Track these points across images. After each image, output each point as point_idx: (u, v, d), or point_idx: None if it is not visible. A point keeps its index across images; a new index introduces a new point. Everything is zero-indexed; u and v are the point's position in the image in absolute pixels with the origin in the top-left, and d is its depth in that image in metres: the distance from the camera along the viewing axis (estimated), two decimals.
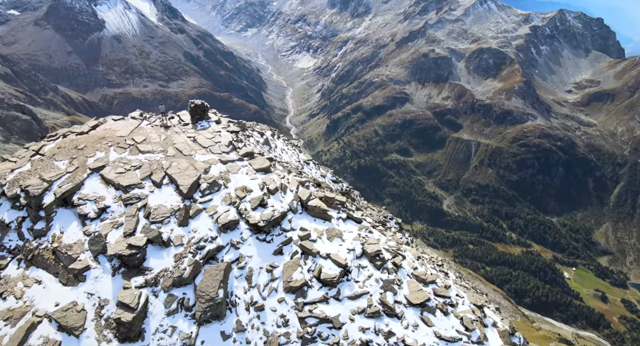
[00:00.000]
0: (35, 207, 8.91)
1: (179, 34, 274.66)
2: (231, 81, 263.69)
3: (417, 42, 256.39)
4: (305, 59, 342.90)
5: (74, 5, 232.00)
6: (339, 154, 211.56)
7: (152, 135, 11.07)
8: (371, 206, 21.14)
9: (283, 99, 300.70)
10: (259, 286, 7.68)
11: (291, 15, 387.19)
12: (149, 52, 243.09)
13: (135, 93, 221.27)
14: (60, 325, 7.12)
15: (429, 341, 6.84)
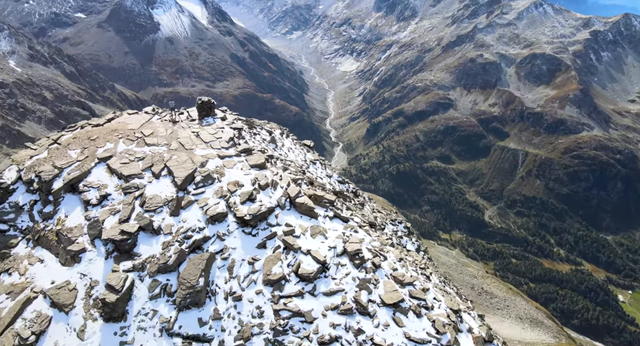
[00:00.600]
0: (45, 191, 9.62)
1: (227, 36, 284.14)
2: (274, 83, 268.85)
3: (465, 46, 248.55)
4: (348, 62, 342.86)
5: (133, 9, 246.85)
6: (377, 158, 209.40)
7: (159, 129, 11.53)
8: (380, 209, 20.56)
9: (324, 102, 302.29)
10: (239, 277, 7.87)
11: (336, 19, 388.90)
12: (198, 54, 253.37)
13: (184, 92, 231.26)
14: (53, 301, 7.76)
15: (398, 341, 6.87)
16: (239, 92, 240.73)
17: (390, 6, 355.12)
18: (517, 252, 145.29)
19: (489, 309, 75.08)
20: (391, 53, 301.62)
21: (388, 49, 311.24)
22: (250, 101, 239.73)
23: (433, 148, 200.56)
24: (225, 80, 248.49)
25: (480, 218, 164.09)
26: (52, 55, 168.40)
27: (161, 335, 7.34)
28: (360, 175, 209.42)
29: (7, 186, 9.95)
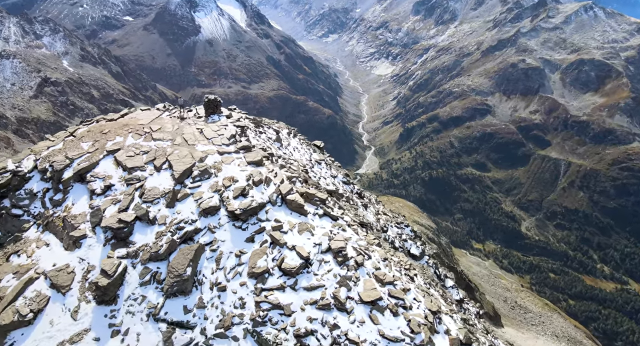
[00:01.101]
0: (56, 180, 10.31)
1: (264, 38, 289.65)
2: (308, 85, 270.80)
3: (506, 51, 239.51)
4: (384, 65, 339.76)
5: (176, 12, 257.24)
6: (410, 164, 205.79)
7: (167, 125, 11.93)
8: (387, 211, 20.06)
9: (358, 105, 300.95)
10: (225, 269, 8.13)
11: (373, 22, 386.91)
12: (235, 56, 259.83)
13: (220, 93, 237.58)
14: (52, 282, 8.24)
15: (371, 338, 6.97)
16: (274, 94, 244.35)
17: (428, 9, 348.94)
18: (556, 266, 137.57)
19: (522, 324, 71.23)
20: (428, 57, 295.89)
21: (425, 53, 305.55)
22: (284, 103, 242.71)
23: (468, 155, 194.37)
24: (261, 82, 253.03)
25: (516, 229, 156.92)
26: (101, 56, 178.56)
27: (148, 319, 7.73)
28: (392, 179, 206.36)
29: (24, 174, 10.63)
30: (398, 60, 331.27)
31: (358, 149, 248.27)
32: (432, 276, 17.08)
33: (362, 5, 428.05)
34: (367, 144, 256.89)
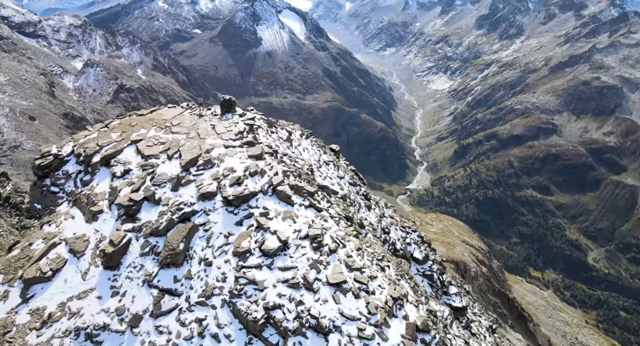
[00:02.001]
0: (87, 163, 11.88)
1: (322, 51, 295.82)
2: (362, 98, 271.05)
3: (578, 68, 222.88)
4: (441, 80, 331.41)
5: (241, 25, 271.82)
6: (463, 182, 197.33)
7: (185, 120, 13.22)
8: (395, 216, 19.60)
9: (412, 119, 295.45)
10: (213, 247, 9.03)
11: (433, 36, 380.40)
12: (293, 67, 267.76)
13: (276, 103, 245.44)
14: (70, 248, 9.57)
15: (331, 315, 7.63)
16: (327, 105, 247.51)
17: (492, 24, 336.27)
18: (627, 304, 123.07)
19: None
20: (489, 72, 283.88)
21: (486, 68, 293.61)
22: (337, 114, 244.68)
23: (529, 177, 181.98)
24: (315, 93, 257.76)
25: (581, 260, 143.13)
26: (170, 65, 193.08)
27: (143, 285, 8.81)
28: (443, 197, 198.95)
29: (63, 157, 12.44)
30: (457, 75, 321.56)
31: (409, 164, 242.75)
32: (434, 280, 16.46)
33: (422, 19, 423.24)
34: (419, 159, 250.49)
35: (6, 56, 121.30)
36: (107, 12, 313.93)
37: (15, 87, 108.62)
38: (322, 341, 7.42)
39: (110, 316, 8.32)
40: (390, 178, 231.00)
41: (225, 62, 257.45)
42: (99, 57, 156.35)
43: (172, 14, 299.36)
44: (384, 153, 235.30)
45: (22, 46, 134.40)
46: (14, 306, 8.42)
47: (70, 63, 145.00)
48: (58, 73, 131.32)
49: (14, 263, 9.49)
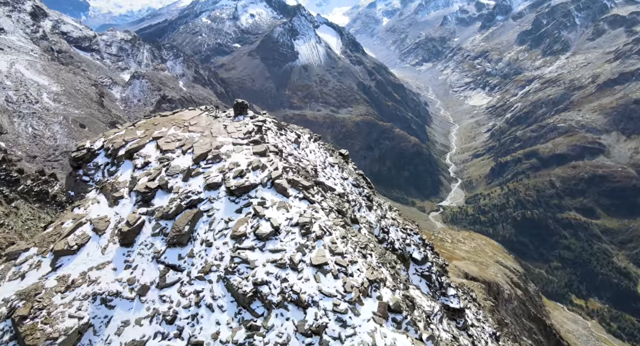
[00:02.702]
0: (113, 156, 13.54)
1: (357, 65, 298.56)
2: (396, 112, 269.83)
3: (629, 85, 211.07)
4: (479, 96, 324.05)
5: (279, 40, 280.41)
6: (500, 201, 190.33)
7: (202, 121, 14.66)
8: (398, 218, 20.24)
9: (447, 135, 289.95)
10: (214, 230, 10.08)
11: (471, 51, 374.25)
12: (327, 81, 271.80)
13: (310, 116, 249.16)
14: (94, 227, 10.88)
15: (310, 291, 8.63)
16: (361, 119, 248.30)
17: (535, 39, 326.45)
18: None
19: None
20: (531, 89, 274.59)
21: (527, 85, 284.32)
22: (371, 128, 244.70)
23: (572, 198, 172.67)
24: (349, 107, 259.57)
25: (631, 289, 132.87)
26: (210, 78, 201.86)
27: (152, 260, 9.92)
28: (478, 215, 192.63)
29: (94, 151, 14.21)
30: (496, 91, 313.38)
31: (443, 180, 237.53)
32: (432, 281, 17.83)
33: (461, 34, 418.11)
34: (454, 176, 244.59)
35: (63, 68, 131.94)
36: (155, 28, 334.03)
37: (69, 96, 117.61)
38: (301, 314, 8.39)
39: (123, 285, 9.46)
40: (423, 195, 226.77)
41: (262, 75, 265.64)
42: (145, 70, 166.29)
43: (214, 29, 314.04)
44: (416, 169, 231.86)
45: (77, 59, 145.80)
46: (45, 273, 9.74)
47: (119, 75, 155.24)
48: (107, 84, 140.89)
49: (47, 238, 10.84)
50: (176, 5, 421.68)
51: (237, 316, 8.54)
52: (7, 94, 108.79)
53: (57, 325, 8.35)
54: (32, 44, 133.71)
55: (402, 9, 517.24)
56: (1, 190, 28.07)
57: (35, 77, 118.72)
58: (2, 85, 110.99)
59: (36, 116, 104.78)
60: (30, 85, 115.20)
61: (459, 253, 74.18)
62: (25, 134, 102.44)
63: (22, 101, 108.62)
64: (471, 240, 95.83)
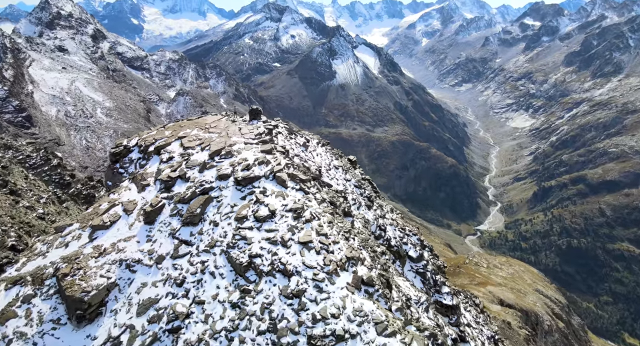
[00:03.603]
0: (145, 152, 15.82)
1: (394, 85, 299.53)
2: (433, 132, 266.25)
3: None
4: (521, 118, 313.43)
5: (317, 59, 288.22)
6: (543, 227, 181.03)
7: (221, 124, 16.80)
8: (398, 219, 21.31)
9: (486, 157, 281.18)
10: (221, 213, 11.66)
11: (514, 72, 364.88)
12: (364, 100, 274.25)
13: (345, 134, 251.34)
14: (124, 208, 12.77)
15: (295, 263, 10.09)
16: (397, 138, 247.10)
17: (584, 61, 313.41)
18: None
19: None
20: (579, 111, 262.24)
21: (575, 107, 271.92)
22: (406, 148, 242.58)
23: (624, 228, 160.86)
24: (385, 126, 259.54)
25: None
26: (249, 95, 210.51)
27: (168, 236, 11.68)
28: (518, 242, 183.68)
29: (129, 148, 16.65)
30: (540, 113, 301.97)
31: (481, 203, 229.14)
32: (427, 278, 18.74)
33: (503, 55, 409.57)
34: (493, 199, 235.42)
35: (116, 85, 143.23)
36: (201, 48, 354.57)
37: (120, 112, 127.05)
38: (286, 281, 9.83)
39: (144, 254, 11.24)
40: (459, 217, 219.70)
41: (299, 94, 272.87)
42: (190, 87, 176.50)
43: (256, 50, 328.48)
44: (453, 191, 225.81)
45: (129, 77, 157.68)
46: (83, 243, 11.79)
47: (166, 92, 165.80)
48: (155, 100, 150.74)
49: (87, 216, 12.79)
50: (222, 27, 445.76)
51: (233, 282, 10.05)
52: (66, 109, 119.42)
53: (90, 282, 10.11)
54: (91, 63, 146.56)
55: (443, 29, 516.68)
56: (55, 192, 31.25)
57: (91, 94, 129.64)
58: (63, 101, 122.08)
59: (90, 129, 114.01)
60: (87, 101, 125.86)
61: (495, 278, 71.10)
62: (80, 146, 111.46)
63: (79, 115, 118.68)
64: (509, 265, 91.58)
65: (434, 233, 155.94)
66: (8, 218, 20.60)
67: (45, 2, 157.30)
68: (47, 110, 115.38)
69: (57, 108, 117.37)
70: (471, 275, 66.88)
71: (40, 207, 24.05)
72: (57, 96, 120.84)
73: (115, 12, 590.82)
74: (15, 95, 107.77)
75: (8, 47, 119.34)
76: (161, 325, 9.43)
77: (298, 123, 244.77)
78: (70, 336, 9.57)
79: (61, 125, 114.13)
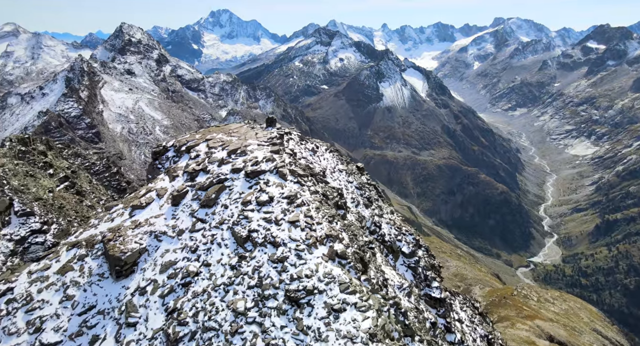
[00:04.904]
0: (177, 151, 18.86)
1: (442, 108, 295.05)
2: (482, 157, 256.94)
3: None
4: (583, 145, 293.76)
5: (364, 82, 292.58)
6: (607, 263, 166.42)
7: (242, 130, 19.58)
8: (396, 220, 23.67)
9: (541, 185, 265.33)
10: (231, 198, 13.76)
11: (575, 97, 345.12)
12: (410, 122, 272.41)
13: (390, 156, 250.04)
14: (157, 193, 15.43)
15: (283, 237, 12.07)
16: (443, 162, 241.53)
17: None
18: None
19: None
20: None
21: None
22: (453, 172, 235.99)
23: None
24: (432, 149, 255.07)
25: None
26: (296, 116, 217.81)
27: (188, 215, 13.99)
28: (578, 278, 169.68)
29: (167, 148, 19.86)
30: (604, 141, 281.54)
31: (535, 234, 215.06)
32: (418, 272, 20.12)
33: (563, 79, 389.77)
34: (548, 230, 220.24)
35: (174, 105, 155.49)
36: (254, 71, 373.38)
37: (176, 129, 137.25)
38: (274, 250, 11.79)
39: (169, 228, 13.59)
40: (510, 247, 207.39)
41: (346, 115, 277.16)
42: (240, 108, 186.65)
43: (305, 72, 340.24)
44: (504, 218, 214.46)
45: (186, 98, 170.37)
46: (125, 218, 14.47)
47: (218, 112, 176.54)
48: (207, 119, 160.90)
49: (129, 199, 15.55)
50: (274, 51, 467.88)
51: (234, 251, 12.19)
52: (129, 127, 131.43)
53: (127, 246, 12.80)
54: (154, 84, 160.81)
55: (496, 53, 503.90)
56: (112, 195, 35.36)
57: (152, 113, 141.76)
58: (127, 119, 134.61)
59: (149, 145, 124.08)
60: (148, 119, 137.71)
61: (546, 313, 66.39)
62: (139, 160, 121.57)
63: (140, 132, 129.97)
64: (562, 301, 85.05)
65: (481, 262, 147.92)
66: (73, 212, 24.14)
67: (119, 30, 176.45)
68: (113, 127, 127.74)
69: (122, 126, 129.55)
70: (518, 307, 63.01)
71: (99, 207, 27.66)
72: (123, 114, 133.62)
73: (179, 38, 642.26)
74: (88, 113, 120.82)
75: (85, 70, 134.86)
76: (177, 280, 11.82)
77: (343, 144, 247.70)
78: (110, 286, 12.41)
79: (124, 141, 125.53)
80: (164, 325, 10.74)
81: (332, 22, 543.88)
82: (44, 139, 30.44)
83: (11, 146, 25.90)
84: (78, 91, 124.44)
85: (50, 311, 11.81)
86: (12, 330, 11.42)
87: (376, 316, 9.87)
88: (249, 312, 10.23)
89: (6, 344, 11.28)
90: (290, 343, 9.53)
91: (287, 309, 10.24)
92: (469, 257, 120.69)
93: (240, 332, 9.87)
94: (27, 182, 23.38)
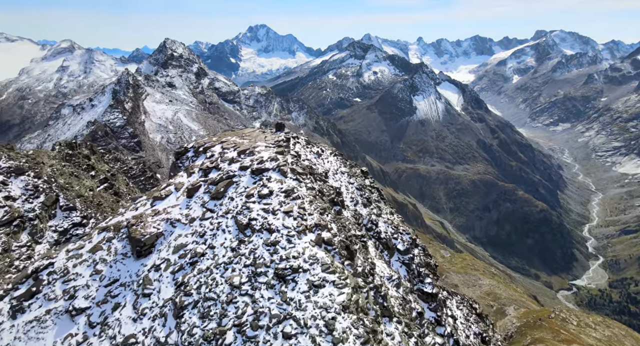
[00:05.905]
0: (196, 151, 21.10)
1: (478, 122, 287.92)
2: (521, 173, 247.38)
3: None
4: (632, 163, 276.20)
5: (398, 95, 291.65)
6: None
7: (254, 134, 21.39)
8: (395, 220, 23.83)
9: (586, 204, 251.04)
10: (237, 192, 15.38)
11: (624, 113, 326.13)
12: (444, 136, 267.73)
13: (423, 170, 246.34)
14: (175, 187, 17.27)
15: (278, 225, 13.76)
16: (478, 178, 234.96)
17: None
18: None
19: None
20: None
21: None
22: (489, 188, 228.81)
23: None
24: (466, 164, 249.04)
25: None
26: (328, 128, 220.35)
27: (200, 206, 15.78)
28: (626, 304, 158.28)
29: (187, 149, 22.24)
30: None
31: (578, 255, 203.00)
32: (412, 268, 20.96)
33: (611, 94, 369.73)
34: (593, 252, 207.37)
35: (210, 116, 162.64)
36: (288, 84, 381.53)
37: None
38: (269, 235, 13.74)
39: (182, 216, 15.40)
40: (550, 268, 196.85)
41: (378, 128, 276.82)
42: (273, 119, 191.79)
43: (338, 85, 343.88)
44: (543, 238, 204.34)
45: (222, 109, 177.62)
46: (147, 208, 16.48)
47: (252, 123, 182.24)
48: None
49: (152, 191, 17.70)
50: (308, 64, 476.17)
51: (236, 236, 13.88)
52: (168, 136, 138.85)
53: (147, 230, 14.76)
54: (192, 96, 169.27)
55: (537, 66, 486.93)
56: None
57: (189, 123, 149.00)
58: (166, 129, 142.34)
59: None
60: (185, 129, 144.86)
61: (586, 339, 62.83)
62: None
63: (177, 142, 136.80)
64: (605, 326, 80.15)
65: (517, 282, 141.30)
66: (109, 209, 26.80)
67: (163, 45, 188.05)
68: (153, 136, 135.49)
69: (162, 135, 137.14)
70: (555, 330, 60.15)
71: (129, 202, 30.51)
72: (163, 125, 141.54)
73: (218, 52, 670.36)
74: (131, 123, 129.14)
75: (130, 83, 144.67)
76: (186, 259, 13.64)
77: (375, 157, 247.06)
78: (132, 264, 14.41)
79: (162, 150, 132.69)
80: (173, 296, 12.49)
81: (366, 36, 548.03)
82: (88, 144, 33.82)
83: (60, 149, 29.16)
84: (123, 103, 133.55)
85: (82, 282, 13.85)
86: (51, 296, 13.56)
87: (351, 293, 11.14)
88: (242, 286, 11.87)
89: (46, 307, 13.31)
90: (275, 311, 11.13)
91: (275, 284, 11.79)
92: (504, 276, 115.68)
93: (234, 302, 11.52)
94: (71, 181, 26.25)
